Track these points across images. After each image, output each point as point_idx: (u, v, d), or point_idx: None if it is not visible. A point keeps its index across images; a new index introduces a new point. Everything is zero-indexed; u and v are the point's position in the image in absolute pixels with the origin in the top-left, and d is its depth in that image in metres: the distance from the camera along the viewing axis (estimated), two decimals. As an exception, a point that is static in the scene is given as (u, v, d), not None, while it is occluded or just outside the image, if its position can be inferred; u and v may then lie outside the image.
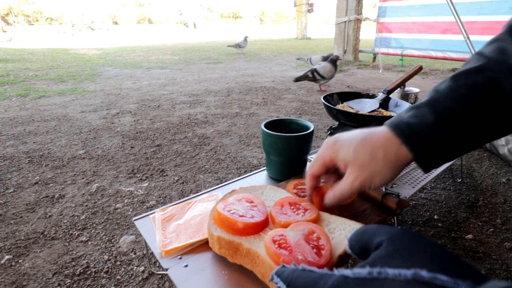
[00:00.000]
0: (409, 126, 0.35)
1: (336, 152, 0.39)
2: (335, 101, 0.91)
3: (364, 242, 0.25)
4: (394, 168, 0.37)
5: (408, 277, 0.18)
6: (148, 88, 3.10)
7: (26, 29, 20.89)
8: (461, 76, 0.36)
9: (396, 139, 0.36)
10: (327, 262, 0.36)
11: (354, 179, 0.38)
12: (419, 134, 0.35)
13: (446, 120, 0.34)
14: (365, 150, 0.37)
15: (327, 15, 36.61)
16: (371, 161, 0.36)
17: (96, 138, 1.76)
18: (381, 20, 4.21)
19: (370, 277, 0.19)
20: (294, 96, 2.74)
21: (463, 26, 1.87)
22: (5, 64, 4.66)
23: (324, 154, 0.41)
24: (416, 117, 0.36)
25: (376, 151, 0.36)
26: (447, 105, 0.35)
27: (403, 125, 0.36)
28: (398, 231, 0.23)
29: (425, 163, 0.36)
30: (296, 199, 0.48)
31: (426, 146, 0.35)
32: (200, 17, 28.47)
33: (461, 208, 1.08)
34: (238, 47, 6.10)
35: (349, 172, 0.38)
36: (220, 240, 0.44)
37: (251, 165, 1.43)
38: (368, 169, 0.37)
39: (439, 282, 0.17)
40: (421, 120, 0.35)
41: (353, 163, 0.37)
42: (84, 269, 0.84)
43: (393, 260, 0.20)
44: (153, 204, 1.12)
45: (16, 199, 1.16)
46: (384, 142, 0.36)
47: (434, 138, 0.35)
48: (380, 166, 0.36)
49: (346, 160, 0.38)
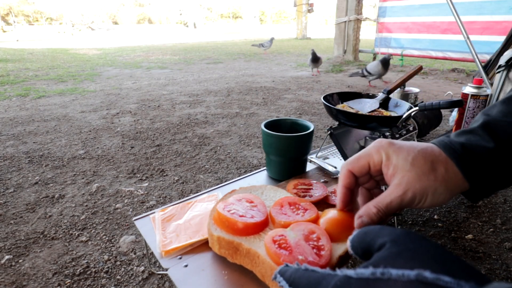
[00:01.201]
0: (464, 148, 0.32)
1: (391, 154, 0.33)
2: (335, 101, 0.91)
3: (367, 243, 0.25)
4: (450, 191, 0.32)
5: (412, 277, 0.18)
6: (148, 88, 3.10)
7: (26, 29, 20.88)
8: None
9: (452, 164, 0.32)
10: (327, 263, 0.36)
11: (406, 190, 0.31)
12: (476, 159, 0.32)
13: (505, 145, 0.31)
14: (426, 160, 0.32)
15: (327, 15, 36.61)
16: (430, 174, 0.31)
17: (96, 138, 1.76)
18: (381, 20, 4.21)
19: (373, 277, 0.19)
20: (294, 96, 2.74)
21: (463, 26, 1.87)
22: (5, 64, 4.66)
23: (372, 153, 0.35)
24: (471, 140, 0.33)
25: (438, 165, 0.32)
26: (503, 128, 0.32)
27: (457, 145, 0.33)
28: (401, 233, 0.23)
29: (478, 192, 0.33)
30: (296, 199, 0.48)
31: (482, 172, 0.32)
32: (200, 17, 28.47)
33: (461, 208, 1.08)
34: (261, 46, 6.11)
35: (401, 181, 0.32)
36: (220, 240, 0.44)
37: (251, 165, 1.43)
38: (425, 182, 0.31)
39: (442, 283, 0.17)
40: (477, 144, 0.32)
41: (409, 170, 0.32)
42: (84, 269, 0.84)
43: (396, 261, 0.20)
44: (153, 204, 1.12)
45: (16, 199, 1.16)
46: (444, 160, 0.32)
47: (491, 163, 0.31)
48: (438, 183, 0.31)
49: (401, 166, 0.32)
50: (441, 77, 3.69)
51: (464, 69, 3.99)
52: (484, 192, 0.33)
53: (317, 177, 0.74)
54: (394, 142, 0.34)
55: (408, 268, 0.19)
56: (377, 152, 0.34)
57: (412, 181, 0.32)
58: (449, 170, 0.32)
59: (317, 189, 0.60)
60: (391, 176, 0.33)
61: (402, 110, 0.83)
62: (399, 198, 0.32)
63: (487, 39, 3.23)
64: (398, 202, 0.32)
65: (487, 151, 0.31)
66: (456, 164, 0.32)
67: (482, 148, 0.32)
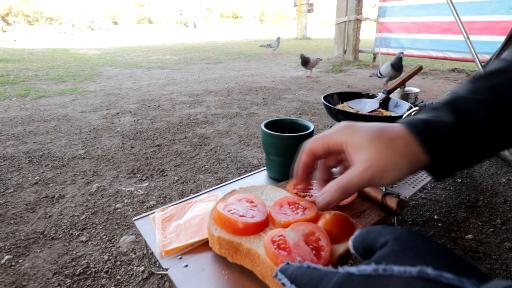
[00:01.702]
0: (426, 123, 0.33)
1: (350, 135, 0.35)
2: (335, 101, 0.91)
3: (368, 242, 0.25)
4: (410, 164, 0.33)
5: (414, 274, 0.18)
6: (148, 88, 3.10)
7: (26, 29, 20.88)
8: (481, 78, 0.34)
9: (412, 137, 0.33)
10: (326, 264, 0.36)
11: (366, 167, 0.33)
12: (436, 133, 0.32)
13: (465, 120, 0.32)
14: (384, 137, 0.33)
15: (327, 15, 36.61)
16: (389, 149, 0.32)
17: (96, 138, 1.76)
18: (381, 20, 4.21)
19: (375, 274, 0.19)
20: (294, 96, 2.74)
21: (463, 26, 1.87)
22: (5, 64, 4.66)
23: (332, 134, 0.36)
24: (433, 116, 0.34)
25: (396, 140, 0.33)
26: (466, 105, 0.33)
27: (418, 122, 0.33)
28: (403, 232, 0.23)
29: (439, 168, 0.33)
30: (295, 199, 0.48)
31: (443, 146, 0.32)
32: (200, 17, 28.47)
33: (461, 208, 1.08)
34: (269, 47, 6.09)
35: (362, 159, 0.33)
36: (220, 240, 0.44)
37: (251, 165, 1.43)
38: (384, 158, 0.32)
39: (444, 279, 0.17)
40: (438, 119, 0.33)
41: (369, 147, 0.33)
42: (84, 269, 0.84)
43: (398, 258, 0.20)
44: (153, 204, 1.12)
45: (16, 199, 1.16)
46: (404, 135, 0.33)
47: (452, 138, 0.32)
48: (398, 157, 0.32)
49: (361, 144, 0.33)
50: (441, 77, 3.69)
51: (464, 69, 3.99)
52: (447, 169, 0.34)
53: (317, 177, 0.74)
54: (354, 123, 0.36)
55: (410, 264, 0.19)
56: (337, 133, 0.36)
57: (372, 158, 0.33)
58: (409, 144, 0.32)
59: (317, 189, 0.60)
60: (353, 156, 0.34)
61: (402, 110, 0.83)
62: (359, 175, 0.33)
63: (487, 39, 3.24)
64: (359, 179, 0.33)
65: (448, 126, 0.32)
66: (417, 138, 0.32)
67: (443, 123, 0.32)
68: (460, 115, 0.32)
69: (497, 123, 0.32)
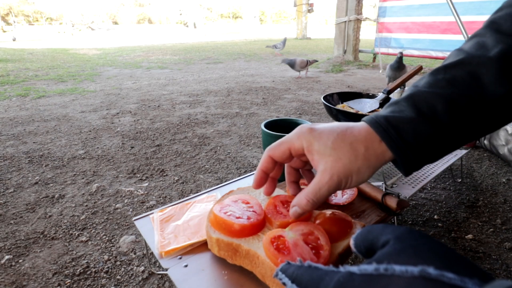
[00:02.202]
0: (387, 120, 0.33)
1: (311, 141, 0.34)
2: (335, 101, 0.91)
3: (370, 241, 0.25)
4: (372, 167, 0.34)
5: (415, 273, 0.18)
6: (148, 88, 3.10)
7: (26, 29, 20.88)
8: (440, 71, 0.34)
9: (375, 135, 0.33)
10: (326, 263, 0.36)
11: (330, 176, 0.33)
12: (398, 129, 0.32)
13: (425, 114, 0.32)
14: (345, 142, 0.33)
15: (327, 15, 36.60)
16: (351, 155, 0.33)
17: (96, 138, 1.76)
18: (381, 20, 4.21)
19: (376, 273, 0.19)
20: (294, 96, 2.74)
21: (463, 26, 1.87)
22: (5, 64, 4.66)
23: (293, 140, 0.36)
24: (394, 112, 0.34)
25: (357, 145, 0.33)
26: (426, 99, 0.33)
27: (381, 119, 0.34)
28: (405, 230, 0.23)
29: (404, 162, 0.33)
30: (287, 197, 0.48)
31: (405, 141, 0.32)
32: (200, 17, 28.47)
33: (461, 208, 1.08)
34: (275, 47, 6.06)
35: (325, 168, 0.33)
36: (219, 242, 0.44)
37: (251, 165, 1.43)
38: (347, 165, 0.33)
39: (446, 279, 0.17)
40: (399, 115, 0.33)
41: (331, 155, 0.33)
42: (84, 269, 0.84)
43: (400, 257, 0.20)
44: (153, 204, 1.12)
45: (16, 199, 1.16)
46: (365, 136, 0.34)
47: (413, 133, 0.32)
48: (360, 163, 0.33)
49: (323, 151, 0.33)
50: (441, 77, 3.69)
51: (464, 69, 3.98)
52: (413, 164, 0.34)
53: (317, 177, 0.74)
54: (315, 127, 0.35)
55: (412, 264, 0.19)
56: (298, 139, 0.35)
57: (335, 165, 0.33)
58: (369, 148, 0.33)
59: None
60: (316, 162, 0.34)
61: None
62: (326, 185, 0.33)
63: (487, 39, 3.23)
64: (326, 188, 0.34)
65: (409, 121, 0.32)
66: (380, 136, 0.33)
67: (403, 119, 0.33)
68: (420, 110, 0.33)
69: (458, 116, 0.32)
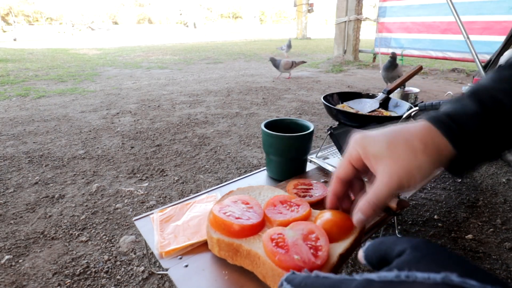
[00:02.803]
0: (448, 116, 0.32)
1: (366, 146, 0.34)
2: (335, 101, 0.91)
3: (383, 251, 0.24)
4: (436, 161, 0.32)
5: (438, 280, 0.17)
6: (148, 88, 3.10)
7: (26, 29, 20.87)
8: (505, 68, 0.34)
9: (435, 131, 0.32)
10: (323, 264, 0.36)
11: (390, 176, 0.32)
12: (461, 124, 0.31)
13: (491, 110, 0.31)
14: (400, 141, 0.32)
15: (327, 15, 36.59)
16: (410, 153, 0.31)
17: (96, 138, 1.76)
18: (381, 20, 4.21)
19: (397, 280, 0.19)
20: (294, 96, 2.74)
21: (463, 26, 1.87)
22: (5, 64, 4.66)
23: (350, 151, 0.36)
24: (455, 108, 0.32)
25: (414, 141, 0.32)
26: (491, 94, 0.31)
27: (441, 115, 0.32)
28: (420, 241, 0.23)
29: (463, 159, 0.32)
30: (286, 197, 0.48)
31: (469, 137, 0.31)
32: (200, 17, 28.47)
33: (461, 208, 1.08)
34: (281, 49, 6.08)
35: (383, 169, 0.32)
36: (219, 243, 0.44)
37: (251, 165, 1.43)
38: (406, 163, 0.31)
39: (468, 286, 0.17)
40: (462, 110, 0.32)
41: (388, 156, 0.32)
42: (84, 269, 0.84)
43: (420, 264, 0.20)
44: (153, 204, 1.12)
45: (16, 199, 1.16)
46: (423, 133, 0.32)
47: (477, 128, 0.31)
48: (420, 159, 0.31)
49: (379, 153, 0.33)
50: (441, 77, 3.69)
51: (464, 69, 3.99)
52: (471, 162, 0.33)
53: (317, 177, 0.74)
54: (366, 133, 0.35)
55: (434, 271, 0.18)
56: (353, 148, 0.35)
57: (393, 165, 0.32)
58: (429, 143, 0.32)
59: (317, 189, 0.61)
60: (375, 166, 0.33)
61: (402, 110, 0.83)
62: (386, 186, 0.32)
63: (487, 39, 3.24)
64: (387, 190, 0.32)
65: (473, 117, 0.31)
66: (442, 132, 0.32)
67: (467, 114, 0.32)
68: (485, 104, 0.31)
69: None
